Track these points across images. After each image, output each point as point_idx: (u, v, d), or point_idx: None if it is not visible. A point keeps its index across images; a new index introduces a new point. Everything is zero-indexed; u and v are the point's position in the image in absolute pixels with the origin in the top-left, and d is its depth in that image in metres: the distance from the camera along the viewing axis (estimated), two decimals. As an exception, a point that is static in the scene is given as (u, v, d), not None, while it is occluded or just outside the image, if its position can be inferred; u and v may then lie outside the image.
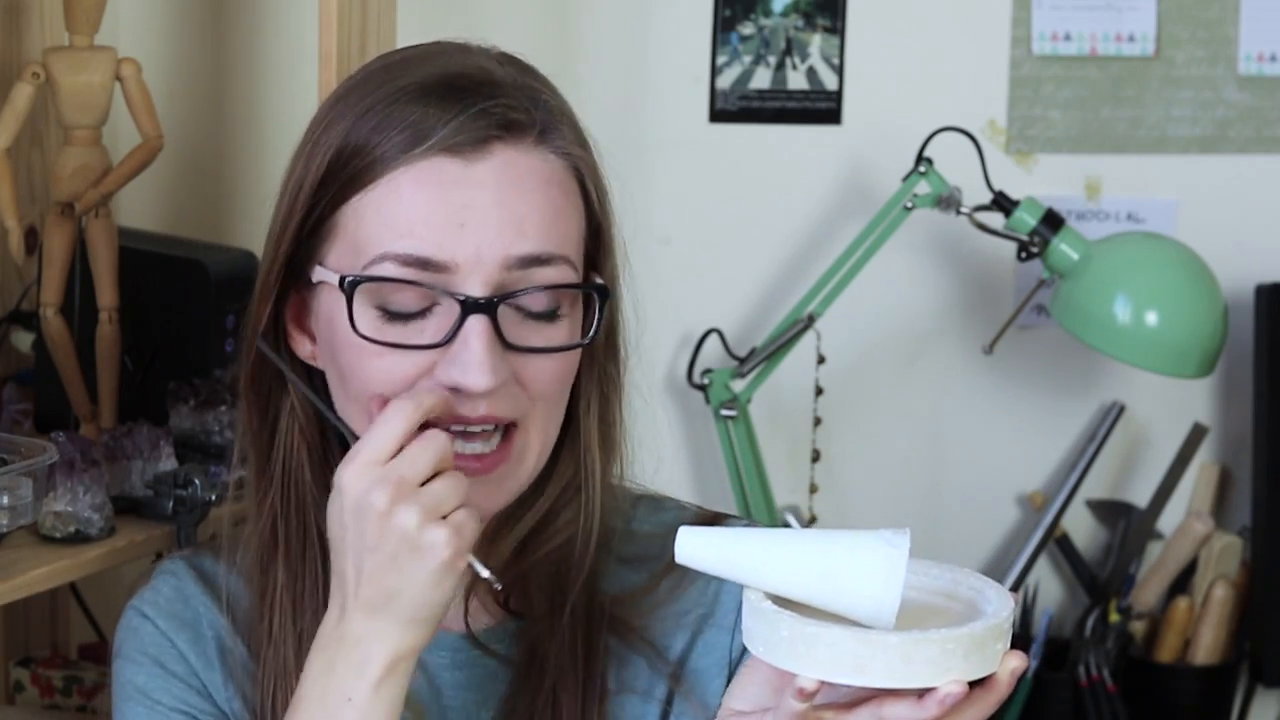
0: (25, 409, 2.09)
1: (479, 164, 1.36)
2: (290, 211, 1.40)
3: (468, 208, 1.35)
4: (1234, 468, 2.69)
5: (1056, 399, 2.64)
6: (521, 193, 1.36)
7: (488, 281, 1.35)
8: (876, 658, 1.18)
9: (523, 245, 1.36)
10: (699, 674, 1.46)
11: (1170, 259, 2.43)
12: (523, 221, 1.36)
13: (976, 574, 1.29)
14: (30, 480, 1.68)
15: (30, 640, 2.29)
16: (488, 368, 1.34)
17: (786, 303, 2.51)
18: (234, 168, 2.45)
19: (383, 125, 1.37)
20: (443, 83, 1.38)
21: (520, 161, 1.37)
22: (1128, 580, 2.62)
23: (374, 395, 1.37)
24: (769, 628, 1.22)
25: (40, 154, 2.18)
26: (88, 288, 1.92)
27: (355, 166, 1.37)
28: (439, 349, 1.35)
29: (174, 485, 1.81)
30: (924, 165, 2.40)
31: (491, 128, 1.36)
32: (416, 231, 1.35)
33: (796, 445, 2.55)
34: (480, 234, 1.35)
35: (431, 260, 1.35)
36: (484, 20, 2.45)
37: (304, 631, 1.41)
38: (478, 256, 1.35)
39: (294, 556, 1.43)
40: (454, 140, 1.36)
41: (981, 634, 1.20)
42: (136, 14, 2.38)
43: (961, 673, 1.19)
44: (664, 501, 1.53)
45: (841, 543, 1.24)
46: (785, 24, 2.54)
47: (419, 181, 1.36)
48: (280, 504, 1.43)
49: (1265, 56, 2.62)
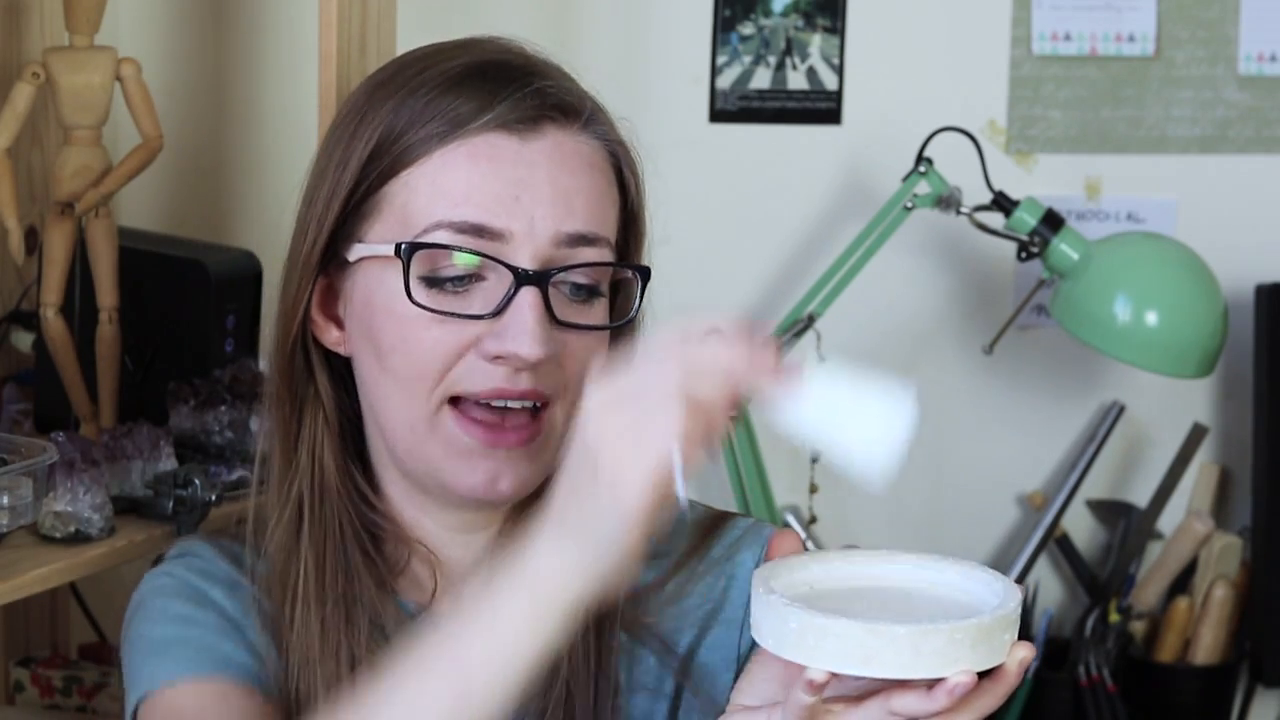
0: (25, 409, 2.09)
1: (533, 141, 1.39)
2: (333, 192, 1.41)
3: (522, 182, 1.37)
4: (1234, 468, 2.69)
5: (1056, 399, 2.64)
6: (571, 173, 1.40)
7: (537, 255, 1.37)
8: (885, 649, 1.18)
9: (573, 222, 1.38)
10: (707, 669, 1.46)
11: (1170, 259, 2.43)
12: (572, 200, 1.39)
13: (983, 567, 1.29)
14: (30, 480, 1.68)
15: (30, 640, 2.29)
16: (540, 338, 1.35)
17: (786, 303, 2.51)
18: (234, 168, 2.45)
19: (435, 102, 1.39)
20: (493, 64, 1.42)
21: (569, 143, 1.41)
22: (1128, 580, 2.62)
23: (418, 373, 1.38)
24: (777, 620, 1.22)
25: (40, 154, 2.18)
26: (88, 288, 1.92)
27: (407, 141, 1.39)
28: (488, 320, 1.37)
29: (174, 485, 1.80)
30: (924, 165, 2.40)
31: (545, 108, 1.40)
32: (473, 199, 1.37)
33: (796, 445, 2.55)
34: (534, 208, 1.37)
35: (487, 227, 1.37)
36: (484, 20, 2.44)
37: (326, 620, 1.41)
38: (531, 228, 1.37)
39: (317, 544, 1.43)
40: (509, 117, 1.38)
41: (989, 624, 1.20)
42: (136, 14, 2.38)
43: (970, 663, 1.19)
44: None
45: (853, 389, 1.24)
46: (785, 24, 2.54)
47: (474, 155, 1.38)
48: (305, 491, 1.44)
49: (1265, 56, 2.62)
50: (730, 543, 1.50)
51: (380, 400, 1.41)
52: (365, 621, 1.42)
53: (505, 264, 1.37)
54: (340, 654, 1.41)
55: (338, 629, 1.42)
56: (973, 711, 1.21)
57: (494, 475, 1.39)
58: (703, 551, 1.49)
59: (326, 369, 1.45)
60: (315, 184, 1.44)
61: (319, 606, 1.42)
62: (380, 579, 1.44)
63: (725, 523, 1.52)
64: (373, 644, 1.42)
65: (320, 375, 1.45)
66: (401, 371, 1.39)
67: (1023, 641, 1.23)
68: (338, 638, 1.42)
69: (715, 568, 1.49)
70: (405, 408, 1.39)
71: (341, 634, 1.42)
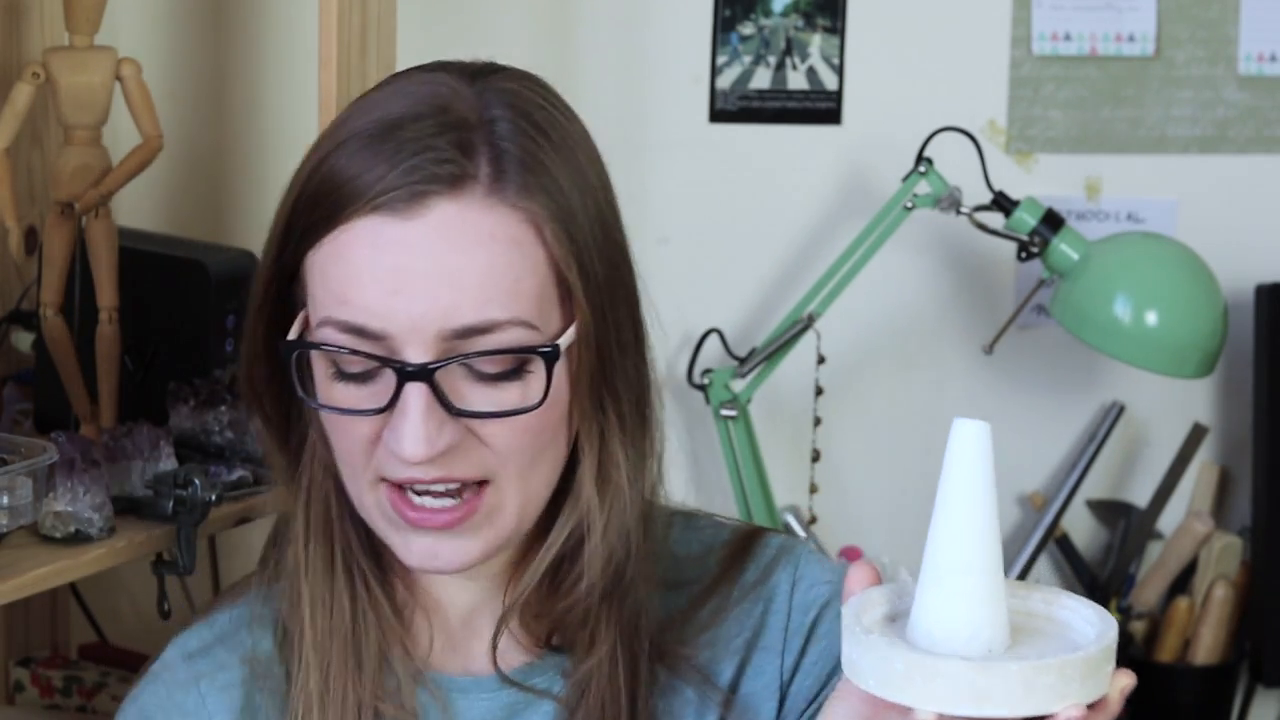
0: (25, 409, 2.09)
1: (416, 221, 1.28)
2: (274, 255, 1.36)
3: (400, 273, 1.28)
4: (1234, 468, 2.69)
5: (1056, 399, 2.64)
6: (461, 252, 1.28)
7: (426, 349, 1.29)
8: (997, 687, 1.16)
9: (459, 316, 1.28)
10: (750, 699, 1.43)
11: (1170, 259, 2.43)
12: (461, 287, 1.28)
13: (1068, 593, 1.27)
14: (30, 480, 1.68)
15: (30, 640, 2.29)
16: (422, 438, 1.28)
17: (786, 303, 2.51)
18: (234, 168, 2.45)
19: (331, 177, 1.31)
20: (385, 128, 1.30)
21: (462, 218, 1.29)
22: (1128, 580, 2.62)
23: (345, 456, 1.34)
24: (881, 661, 1.18)
25: (40, 154, 2.18)
26: (88, 288, 1.92)
27: (310, 220, 1.32)
28: (384, 414, 1.30)
29: (174, 485, 1.80)
30: (924, 165, 2.40)
31: (429, 182, 1.28)
32: (351, 299, 1.29)
33: (796, 445, 2.55)
34: (413, 304, 1.28)
35: (366, 329, 1.29)
36: (484, 20, 2.45)
37: (330, 664, 1.38)
38: (413, 326, 1.28)
39: (322, 586, 1.39)
40: (387, 197, 1.28)
41: (1096, 657, 1.19)
42: (136, 14, 2.38)
43: (1079, 697, 1.17)
44: (698, 518, 1.49)
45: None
46: (785, 24, 2.54)
47: (355, 243, 1.29)
48: (304, 531, 1.40)
49: (1265, 56, 2.62)
50: (764, 565, 1.45)
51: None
52: (373, 668, 1.39)
53: (387, 361, 1.29)
54: (346, 700, 1.38)
55: (343, 673, 1.38)
56: None
57: (431, 552, 1.34)
58: (735, 576, 1.45)
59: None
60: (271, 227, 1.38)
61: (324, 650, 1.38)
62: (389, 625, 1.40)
63: (755, 542, 1.47)
64: (378, 692, 1.38)
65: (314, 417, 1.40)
66: (340, 450, 1.35)
67: (1123, 669, 1.21)
68: (343, 682, 1.38)
69: (750, 593, 1.45)
70: (350, 482, 1.36)
71: (348, 679, 1.38)
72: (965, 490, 1.21)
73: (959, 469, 1.22)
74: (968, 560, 1.21)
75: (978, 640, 1.20)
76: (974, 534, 1.21)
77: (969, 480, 1.22)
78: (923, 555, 1.22)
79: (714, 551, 1.46)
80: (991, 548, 1.21)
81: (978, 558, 1.21)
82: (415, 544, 1.34)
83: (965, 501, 1.21)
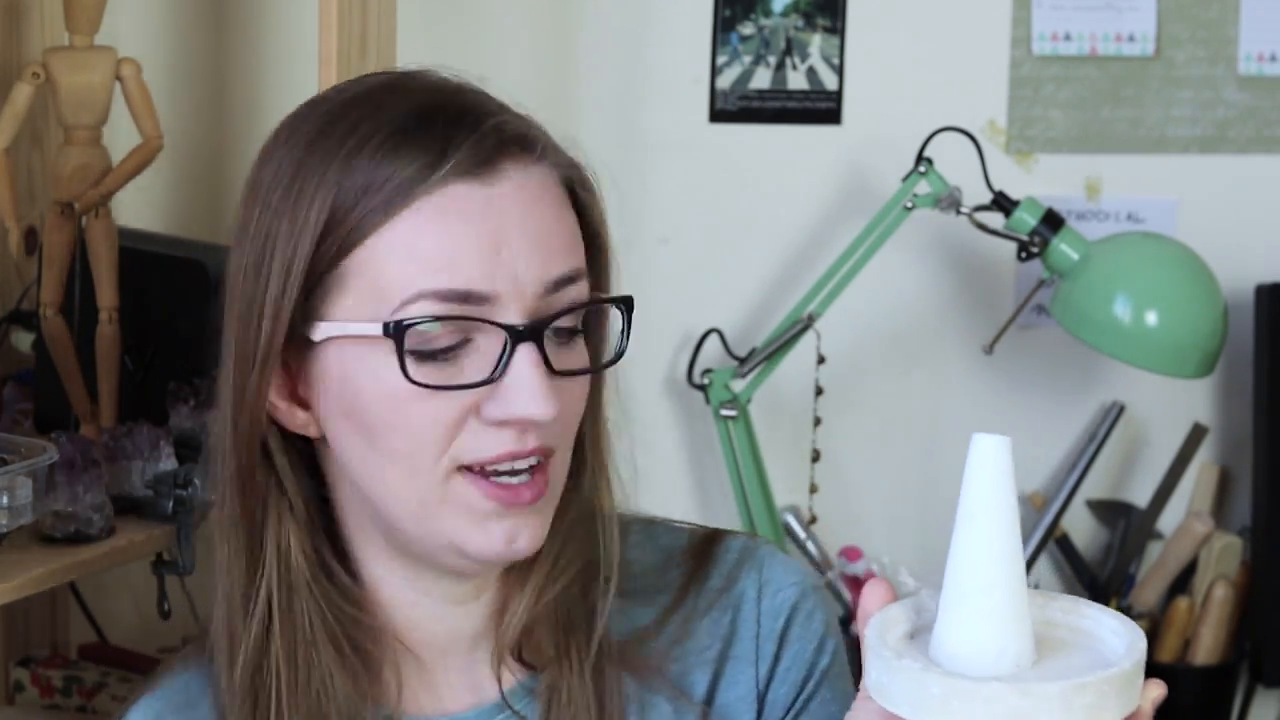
0: (25, 409, 2.09)
1: (497, 185, 1.29)
2: (288, 268, 1.30)
3: (497, 234, 1.28)
4: (1234, 468, 2.69)
5: (1056, 399, 2.64)
6: (540, 212, 1.31)
7: (525, 309, 1.29)
8: (1038, 709, 1.14)
9: (555, 267, 1.30)
10: (727, 710, 1.42)
11: (1170, 259, 2.43)
12: (549, 242, 1.30)
13: (1088, 601, 1.25)
14: (30, 480, 1.68)
15: (30, 640, 2.29)
16: (549, 396, 1.28)
17: (786, 303, 2.51)
18: (234, 168, 2.45)
19: (386, 160, 1.29)
20: (435, 107, 1.31)
21: (530, 179, 1.31)
22: (1128, 580, 2.62)
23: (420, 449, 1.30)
24: (916, 687, 1.16)
25: (40, 154, 2.18)
26: (88, 288, 1.92)
27: (365, 207, 1.28)
28: (486, 386, 1.29)
29: (174, 485, 1.81)
30: (924, 165, 2.40)
31: (501, 145, 1.30)
32: (452, 264, 1.27)
33: (796, 445, 2.55)
34: (516, 261, 1.28)
35: (474, 293, 1.27)
36: (483, 20, 2.45)
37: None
38: (516, 285, 1.28)
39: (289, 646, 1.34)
40: (469, 164, 1.28)
41: (1131, 671, 1.17)
42: (136, 14, 2.38)
43: (1115, 712, 1.16)
44: (655, 525, 1.48)
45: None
46: (785, 24, 2.54)
47: (442, 212, 1.28)
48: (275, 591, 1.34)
49: (1265, 56, 2.62)
50: (727, 571, 1.44)
51: (373, 479, 1.32)
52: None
53: (497, 324, 1.28)
54: None
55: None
56: None
57: (511, 535, 1.31)
58: (699, 584, 1.44)
59: (287, 455, 1.36)
60: (256, 259, 1.32)
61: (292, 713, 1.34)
62: (359, 683, 1.36)
63: (716, 546, 1.45)
64: None
65: (282, 463, 1.35)
66: (401, 449, 1.30)
67: (1153, 680, 1.20)
68: None
69: (717, 601, 1.43)
70: (408, 483, 1.31)
71: None
72: (986, 506, 1.19)
73: (979, 484, 1.20)
74: (991, 578, 1.19)
75: (1005, 658, 1.18)
76: (996, 551, 1.19)
77: (990, 496, 1.19)
78: (944, 572, 1.20)
79: (674, 559, 1.45)
80: (1015, 564, 1.19)
81: (1001, 575, 1.19)
82: (498, 529, 1.31)
83: (986, 518, 1.19)
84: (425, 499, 1.31)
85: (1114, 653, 1.20)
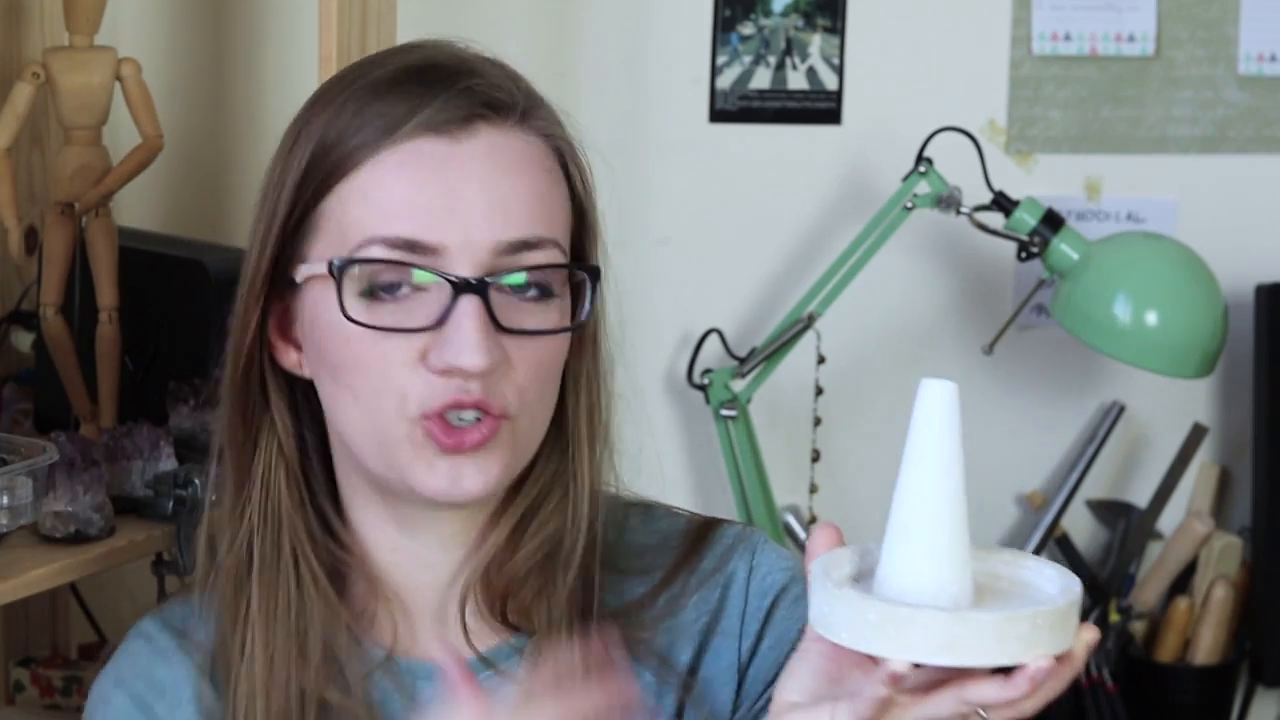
0: (25, 409, 2.09)
1: (465, 143, 1.35)
2: (274, 212, 1.38)
3: (454, 190, 1.33)
4: (1234, 468, 2.69)
5: (1056, 399, 2.64)
6: (508, 175, 1.35)
7: (476, 263, 1.33)
8: (970, 637, 1.18)
9: (510, 230, 1.34)
10: (708, 683, 1.44)
11: (1170, 259, 2.43)
12: (510, 205, 1.34)
13: (1030, 555, 1.29)
14: (30, 480, 1.68)
15: (30, 640, 2.29)
16: (481, 348, 1.32)
17: (786, 303, 2.51)
18: (234, 168, 2.45)
19: (362, 111, 1.35)
20: (421, 68, 1.37)
21: (505, 142, 1.36)
22: (1128, 580, 2.62)
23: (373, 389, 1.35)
24: (854, 613, 1.20)
25: (40, 154, 2.18)
26: (88, 288, 1.92)
27: (337, 154, 1.36)
28: (431, 332, 1.34)
29: (174, 485, 1.81)
30: (924, 165, 2.40)
31: (475, 106, 1.35)
32: (404, 214, 1.33)
33: (796, 445, 2.55)
34: (468, 218, 1.33)
35: (420, 243, 1.33)
36: (484, 20, 2.45)
37: (274, 652, 1.39)
38: (466, 240, 1.33)
39: (268, 575, 1.40)
40: (438, 119, 1.34)
41: (1064, 609, 1.21)
42: (136, 14, 2.38)
43: (1048, 648, 1.19)
44: (655, 509, 1.51)
45: None
46: (785, 24, 2.54)
47: (403, 163, 1.34)
48: (258, 522, 1.41)
49: (1265, 56, 2.62)
50: (721, 553, 1.48)
51: (342, 416, 1.38)
52: (319, 656, 1.39)
53: (442, 274, 1.33)
54: (290, 687, 1.39)
55: (287, 661, 1.39)
56: (1041, 697, 1.21)
57: (456, 475, 1.35)
58: (693, 563, 1.47)
59: (286, 395, 1.42)
60: (259, 207, 1.41)
61: (268, 636, 1.39)
62: (337, 615, 1.40)
63: (713, 531, 1.49)
64: (325, 680, 1.39)
65: (277, 401, 1.42)
66: (358, 388, 1.36)
67: (1086, 624, 1.23)
68: (287, 670, 1.39)
69: (708, 579, 1.46)
70: (368, 423, 1.36)
71: (291, 667, 1.39)
72: (932, 449, 1.25)
73: (926, 428, 1.26)
74: (935, 518, 1.24)
75: (944, 595, 1.22)
76: (941, 492, 1.24)
77: (936, 439, 1.25)
78: (889, 513, 1.25)
79: (671, 541, 1.48)
80: (958, 506, 1.24)
81: (944, 515, 1.24)
82: (443, 468, 1.35)
83: (932, 460, 1.25)
84: (384, 440, 1.36)
85: (1050, 598, 1.23)
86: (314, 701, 1.39)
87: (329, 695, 1.39)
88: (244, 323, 1.41)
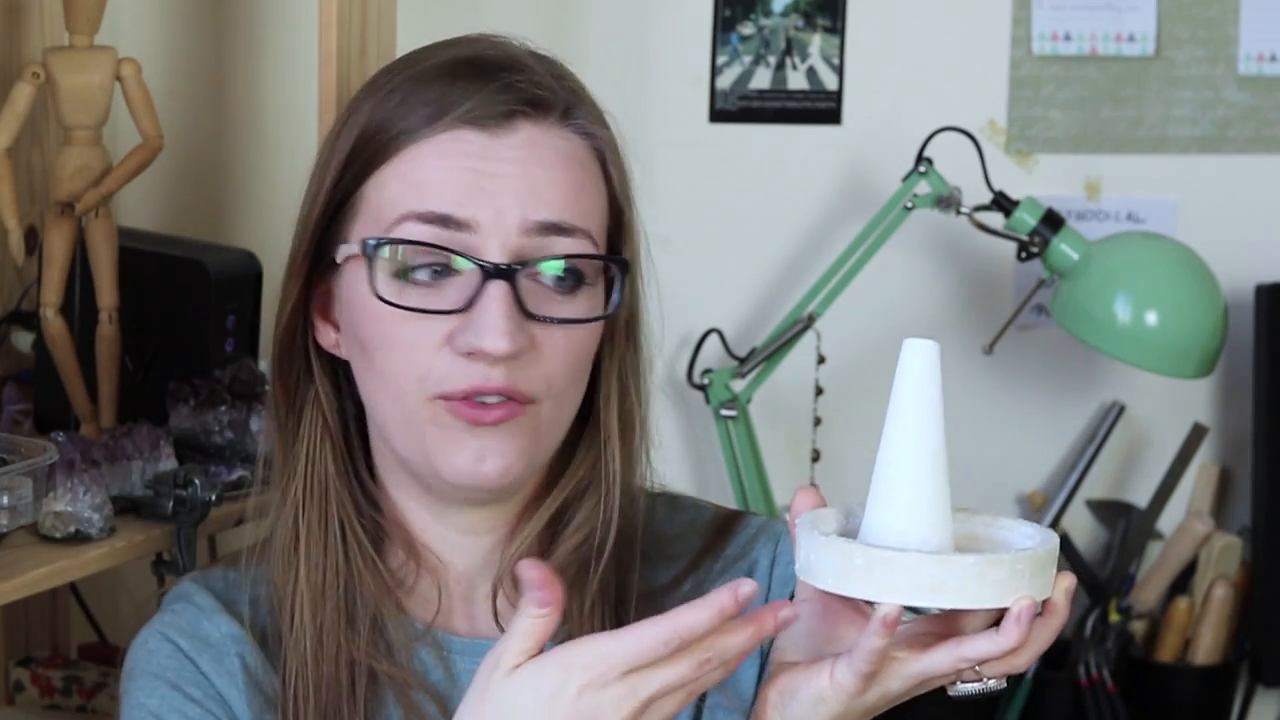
0: (25, 409, 2.09)
1: (504, 138, 1.38)
2: (317, 194, 1.42)
3: (488, 174, 1.36)
4: (1234, 468, 2.69)
5: (1056, 399, 2.64)
6: (544, 166, 1.38)
7: (506, 246, 1.36)
8: (952, 579, 1.21)
9: (543, 211, 1.37)
10: None
11: (1170, 259, 2.43)
12: (542, 189, 1.37)
13: (1008, 516, 1.33)
14: (30, 480, 1.68)
15: (30, 640, 2.29)
16: (506, 332, 1.34)
17: (786, 303, 2.51)
18: (234, 168, 2.45)
19: (407, 100, 1.39)
20: (467, 61, 1.41)
21: (544, 139, 1.39)
22: (1128, 580, 2.62)
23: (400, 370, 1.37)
24: (840, 558, 1.23)
25: (40, 154, 2.18)
26: (88, 288, 1.92)
27: (380, 140, 1.39)
28: (459, 315, 1.36)
29: (174, 485, 1.80)
30: (924, 165, 2.41)
31: (516, 103, 1.38)
32: (436, 190, 1.36)
33: (796, 445, 2.55)
34: (500, 198, 1.36)
35: (452, 217, 1.36)
36: (484, 20, 2.44)
37: (324, 623, 1.41)
38: (498, 218, 1.36)
39: (314, 547, 1.43)
40: (479, 114, 1.37)
41: (1043, 556, 1.24)
42: (136, 14, 2.38)
43: (1029, 592, 1.23)
44: (680, 500, 1.54)
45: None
46: (785, 24, 2.54)
47: (442, 151, 1.37)
48: (302, 495, 1.44)
49: (1265, 56, 2.62)
50: (744, 541, 1.50)
51: (373, 395, 1.41)
52: (367, 626, 1.42)
53: (471, 258, 1.36)
54: (340, 657, 1.41)
55: (336, 632, 1.41)
56: (1033, 649, 1.25)
57: (479, 454, 1.37)
58: (717, 551, 1.50)
59: (329, 373, 1.46)
60: (308, 187, 1.44)
61: (317, 608, 1.42)
62: (384, 585, 1.43)
63: (737, 522, 1.52)
64: (374, 650, 1.41)
65: (320, 378, 1.45)
66: (387, 369, 1.38)
67: (1064, 572, 1.26)
68: (337, 641, 1.41)
69: (732, 566, 1.49)
70: (396, 404, 1.39)
71: (341, 637, 1.41)
72: (915, 405, 1.30)
73: (909, 386, 1.32)
74: (917, 472, 1.27)
75: (927, 547, 1.25)
76: (923, 448, 1.28)
77: (918, 396, 1.31)
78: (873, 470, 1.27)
79: (696, 530, 1.51)
80: (940, 462, 1.27)
81: (927, 470, 1.27)
82: (466, 448, 1.37)
83: (915, 416, 1.30)
84: (409, 420, 1.39)
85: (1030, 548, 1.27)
86: (364, 671, 1.41)
87: (378, 665, 1.41)
88: (286, 301, 1.44)
